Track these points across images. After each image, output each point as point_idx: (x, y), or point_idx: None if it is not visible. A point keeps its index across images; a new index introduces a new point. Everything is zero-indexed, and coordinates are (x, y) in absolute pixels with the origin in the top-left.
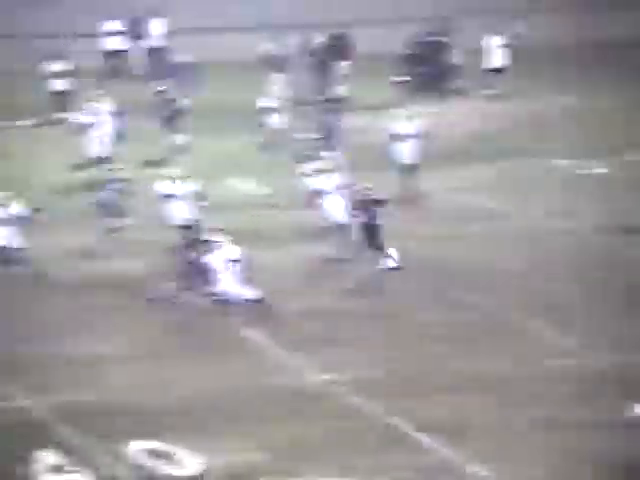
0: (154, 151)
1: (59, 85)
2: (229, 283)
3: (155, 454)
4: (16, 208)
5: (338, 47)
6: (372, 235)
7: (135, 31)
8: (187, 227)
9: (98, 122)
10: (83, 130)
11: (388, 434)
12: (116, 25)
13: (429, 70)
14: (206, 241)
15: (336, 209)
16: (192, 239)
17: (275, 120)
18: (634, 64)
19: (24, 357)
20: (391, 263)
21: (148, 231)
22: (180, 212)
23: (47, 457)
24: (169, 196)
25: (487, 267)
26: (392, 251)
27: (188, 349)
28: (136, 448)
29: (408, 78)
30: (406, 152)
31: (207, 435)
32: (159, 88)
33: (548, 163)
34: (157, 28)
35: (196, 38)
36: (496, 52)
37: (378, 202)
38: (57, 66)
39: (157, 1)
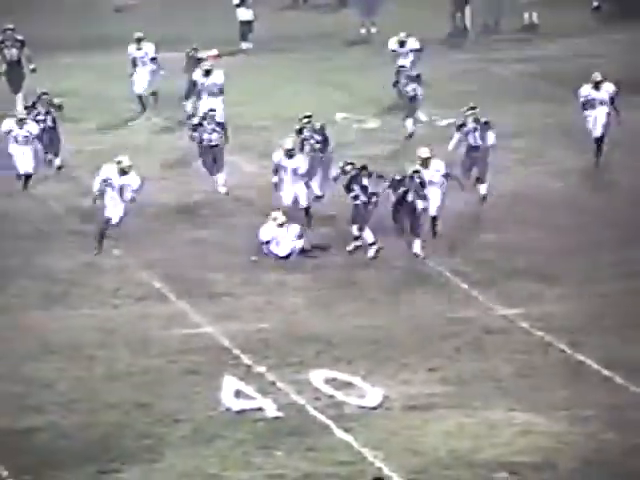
0: None
1: (244, 15)
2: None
3: (336, 384)
4: None
5: None
6: None
7: None
8: None
9: None
10: None
11: (574, 370)
12: None
13: None
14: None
15: None
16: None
17: None
18: None
19: (213, 284)
20: None
21: None
22: None
23: (230, 383)
24: None
25: None
26: None
27: (375, 280)
28: (317, 377)
29: None
30: None
31: (389, 366)
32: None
33: None
34: None
35: None
36: None
37: None
38: None
39: None
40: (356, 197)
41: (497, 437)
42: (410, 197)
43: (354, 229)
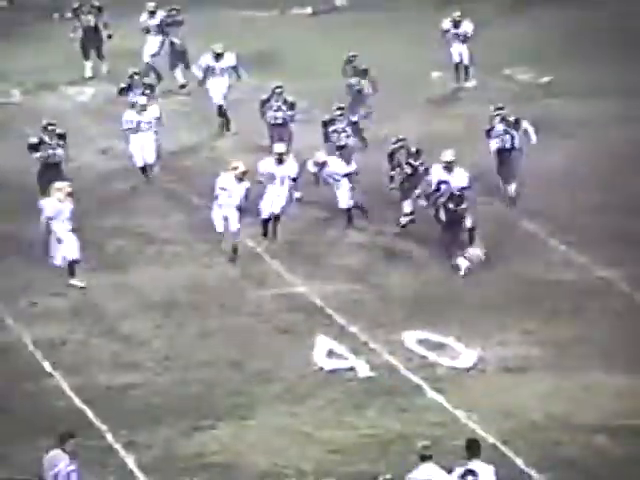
0: None
1: None
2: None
3: (429, 344)
4: None
5: None
6: None
7: None
8: None
9: None
10: None
11: None
12: None
13: None
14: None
15: None
16: None
17: None
18: None
19: (307, 245)
20: None
21: None
22: None
23: (323, 343)
24: None
25: None
26: None
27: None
28: (410, 338)
29: None
30: None
31: (484, 327)
32: None
33: None
34: None
35: None
36: None
37: None
38: None
39: None
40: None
41: (594, 400)
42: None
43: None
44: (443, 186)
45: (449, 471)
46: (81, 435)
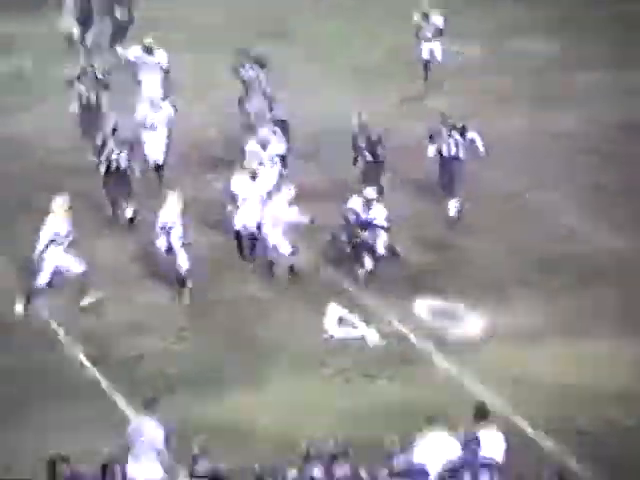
0: None
1: None
2: None
3: (440, 312)
4: None
5: None
6: None
7: None
8: None
9: None
10: None
11: None
12: None
13: None
14: None
15: None
16: None
17: None
18: None
19: None
20: None
21: None
22: None
23: (334, 309)
24: None
25: None
26: None
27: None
28: (421, 306)
29: None
30: None
31: (494, 295)
32: None
33: None
34: None
35: None
36: None
37: None
38: None
39: None
40: None
41: (605, 368)
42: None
43: None
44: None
45: (458, 438)
46: (95, 403)
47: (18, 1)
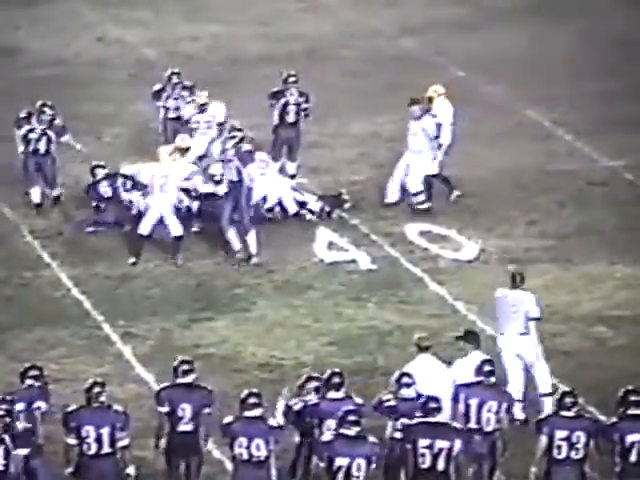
0: None
1: None
2: None
3: (431, 236)
4: None
5: None
6: None
7: None
8: None
9: None
10: None
11: None
12: None
13: None
14: None
15: None
16: None
17: None
18: None
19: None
20: None
21: None
22: None
23: (324, 234)
24: None
25: None
26: None
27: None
28: (412, 230)
29: None
30: None
31: (487, 219)
32: None
33: None
34: None
35: None
36: None
37: None
38: None
39: None
40: None
41: (597, 291)
42: None
43: None
44: None
45: (447, 363)
46: (78, 325)
47: None
